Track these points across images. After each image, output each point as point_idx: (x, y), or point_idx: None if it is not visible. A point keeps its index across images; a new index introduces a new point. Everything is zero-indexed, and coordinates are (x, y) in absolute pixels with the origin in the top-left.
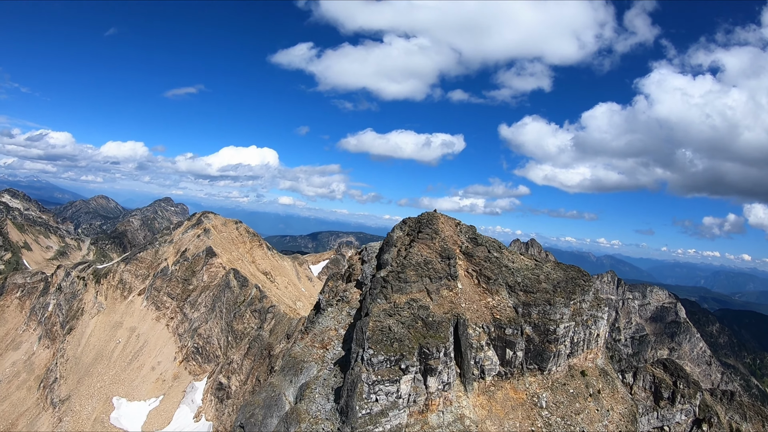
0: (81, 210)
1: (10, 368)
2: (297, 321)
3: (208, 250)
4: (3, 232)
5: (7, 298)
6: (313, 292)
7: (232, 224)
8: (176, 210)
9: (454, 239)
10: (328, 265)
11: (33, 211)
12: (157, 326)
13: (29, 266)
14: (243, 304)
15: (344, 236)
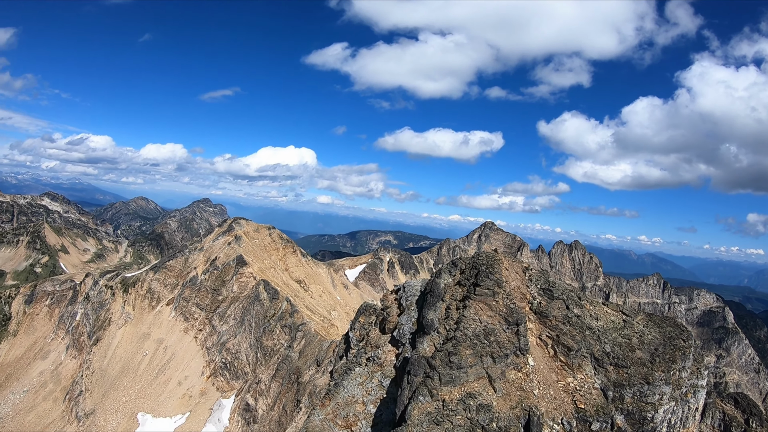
0: (121, 211)
1: (37, 378)
2: (328, 345)
3: (239, 258)
4: (40, 236)
5: (37, 305)
6: (348, 300)
7: (265, 230)
8: (214, 211)
9: (522, 292)
10: (365, 270)
11: (72, 214)
12: (185, 338)
13: (66, 269)
14: (273, 318)
15: (383, 235)
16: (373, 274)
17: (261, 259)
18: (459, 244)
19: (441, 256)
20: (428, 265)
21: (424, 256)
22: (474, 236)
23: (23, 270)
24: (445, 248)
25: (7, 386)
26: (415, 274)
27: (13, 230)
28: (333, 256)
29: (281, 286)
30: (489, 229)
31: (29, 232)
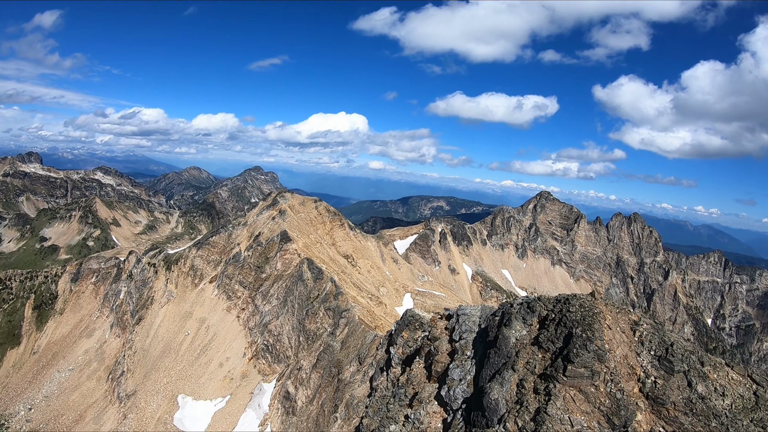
0: (174, 182)
1: (83, 356)
2: (371, 340)
3: (283, 234)
4: (92, 210)
5: (83, 283)
6: (398, 276)
7: (311, 203)
8: (266, 178)
9: (629, 363)
10: (416, 242)
11: (125, 186)
12: (228, 317)
13: (118, 242)
14: (317, 300)
15: (434, 201)
16: (425, 246)
17: (306, 233)
18: (513, 214)
19: (495, 227)
20: (481, 236)
21: (477, 227)
22: (529, 206)
23: (76, 244)
24: (499, 218)
25: (53, 364)
26: (468, 245)
27: (65, 206)
28: (384, 223)
29: (327, 262)
30: (545, 199)
31: (81, 207)
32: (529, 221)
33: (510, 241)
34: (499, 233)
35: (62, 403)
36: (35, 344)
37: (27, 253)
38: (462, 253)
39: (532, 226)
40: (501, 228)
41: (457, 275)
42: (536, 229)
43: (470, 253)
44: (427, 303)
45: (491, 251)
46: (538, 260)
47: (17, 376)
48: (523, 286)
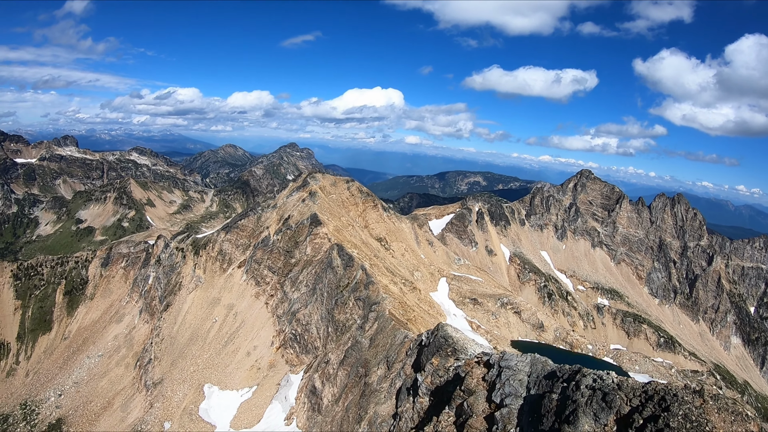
0: (209, 160)
1: (112, 342)
2: (400, 342)
3: (313, 217)
4: (126, 191)
5: (113, 268)
6: (433, 259)
7: (343, 184)
8: (301, 155)
9: None
10: (453, 222)
11: (161, 166)
12: (256, 304)
13: (153, 222)
14: (346, 289)
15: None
16: (461, 226)
17: (338, 216)
18: (553, 193)
19: (534, 206)
20: (520, 215)
21: (515, 206)
22: (569, 185)
23: (111, 225)
24: (538, 198)
25: (83, 350)
26: (506, 225)
27: (100, 187)
28: (420, 199)
29: (359, 246)
30: (586, 178)
31: (116, 189)
32: (569, 201)
33: (549, 221)
34: (538, 213)
35: (91, 389)
36: (66, 330)
37: (63, 236)
38: (499, 233)
39: (572, 206)
40: (540, 207)
41: (494, 257)
42: (576, 209)
43: (508, 234)
44: (463, 288)
45: (530, 232)
46: (577, 242)
47: (48, 361)
48: (562, 268)
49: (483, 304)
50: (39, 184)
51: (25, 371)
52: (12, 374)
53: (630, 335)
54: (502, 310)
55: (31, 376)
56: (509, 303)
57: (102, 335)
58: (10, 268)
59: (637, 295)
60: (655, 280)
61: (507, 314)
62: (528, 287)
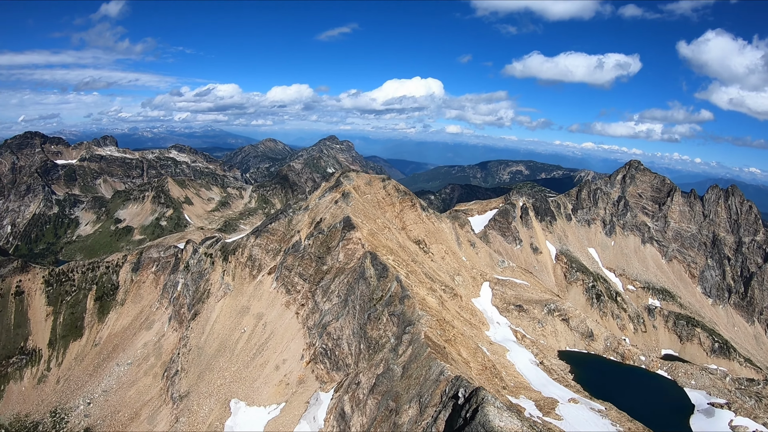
0: (249, 154)
1: (141, 350)
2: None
3: (346, 220)
4: (164, 190)
5: (144, 273)
6: (475, 261)
7: (378, 182)
8: (341, 147)
9: None
10: (496, 218)
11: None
12: (286, 314)
13: (191, 220)
14: (380, 302)
15: (513, 165)
16: (505, 223)
17: (373, 218)
18: (600, 185)
19: (581, 200)
20: (566, 210)
21: (561, 200)
22: (617, 177)
23: (149, 224)
24: (585, 191)
25: (113, 357)
26: (552, 221)
27: (138, 187)
28: (462, 190)
29: (395, 251)
30: (635, 170)
31: (153, 187)
32: (618, 194)
33: (597, 216)
34: (585, 207)
35: (119, 398)
36: (97, 336)
37: (103, 236)
38: (545, 229)
39: (620, 199)
40: (587, 201)
41: (539, 255)
42: (625, 202)
43: (554, 230)
44: (507, 294)
45: (576, 227)
46: (627, 238)
47: (79, 368)
48: (610, 267)
49: (528, 311)
50: (80, 184)
51: (56, 378)
52: (43, 381)
53: (683, 339)
54: (549, 317)
55: (61, 382)
56: (557, 309)
57: (132, 342)
58: (42, 274)
59: (689, 295)
60: (708, 278)
61: (554, 322)
62: (575, 288)
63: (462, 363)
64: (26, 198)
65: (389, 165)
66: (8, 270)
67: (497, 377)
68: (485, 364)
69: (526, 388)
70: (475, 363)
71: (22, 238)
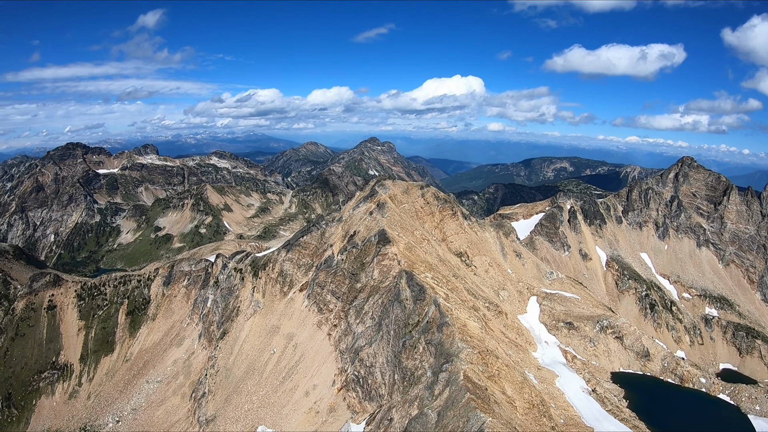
0: (291, 158)
1: (171, 367)
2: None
3: (381, 233)
4: (203, 197)
5: (175, 287)
6: (522, 273)
7: (416, 190)
8: (383, 149)
9: None
10: (542, 223)
11: (241, 168)
12: (318, 335)
13: (230, 227)
14: (416, 329)
15: (557, 162)
16: (552, 228)
17: (410, 230)
18: (652, 185)
19: (631, 201)
20: (616, 212)
21: (610, 201)
22: (669, 175)
23: (189, 232)
24: (636, 191)
25: (143, 374)
26: (601, 225)
27: (178, 194)
28: (506, 189)
29: (434, 267)
30: (687, 167)
31: (192, 195)
32: (670, 193)
33: (649, 217)
34: (636, 209)
35: (148, 418)
36: (128, 351)
37: (143, 244)
38: (594, 233)
39: (673, 199)
40: (638, 202)
41: (589, 261)
42: (679, 203)
43: (604, 234)
44: (556, 309)
45: (627, 231)
46: (681, 241)
47: (109, 384)
48: (664, 273)
49: (579, 329)
50: (121, 192)
51: (87, 393)
52: (74, 396)
53: (742, 352)
54: (601, 335)
55: (92, 398)
56: (610, 326)
57: (162, 359)
58: (74, 288)
59: (748, 303)
60: None
61: (607, 340)
62: (627, 297)
63: (506, 404)
64: (68, 207)
65: (431, 165)
66: (41, 284)
67: (545, 416)
68: (532, 401)
69: (578, 424)
70: (521, 401)
71: (65, 247)
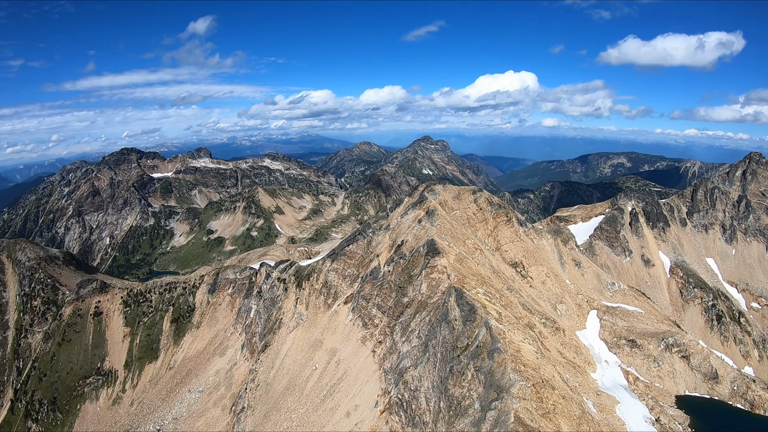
0: (344, 159)
1: (213, 377)
2: None
3: (430, 244)
4: (255, 200)
5: (219, 294)
6: (581, 284)
7: (468, 195)
8: (436, 147)
9: None
10: (602, 226)
11: (294, 170)
12: (362, 351)
13: (281, 230)
14: (465, 353)
15: (614, 157)
16: (612, 232)
17: (462, 239)
18: (718, 183)
19: (696, 201)
20: (680, 214)
21: (674, 202)
22: (736, 173)
23: (240, 235)
24: (701, 191)
25: (186, 383)
26: (665, 228)
27: (230, 197)
28: (563, 187)
29: (487, 281)
30: (756, 164)
31: (244, 198)
32: (738, 193)
33: (715, 219)
34: (701, 210)
35: (188, 428)
36: (171, 359)
37: (195, 246)
38: (657, 237)
39: (741, 199)
40: (703, 203)
41: (651, 268)
42: (747, 203)
43: (667, 238)
44: (618, 325)
45: (692, 234)
46: (750, 245)
47: (153, 391)
48: (732, 280)
49: (642, 347)
50: (175, 195)
51: (130, 400)
52: (118, 402)
53: None
54: (666, 354)
55: (135, 405)
56: (675, 344)
57: (205, 368)
58: (120, 294)
59: None
60: None
61: (672, 360)
62: (692, 307)
63: None
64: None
65: (486, 162)
66: (88, 290)
67: None
68: None
69: None
70: None
71: (120, 250)
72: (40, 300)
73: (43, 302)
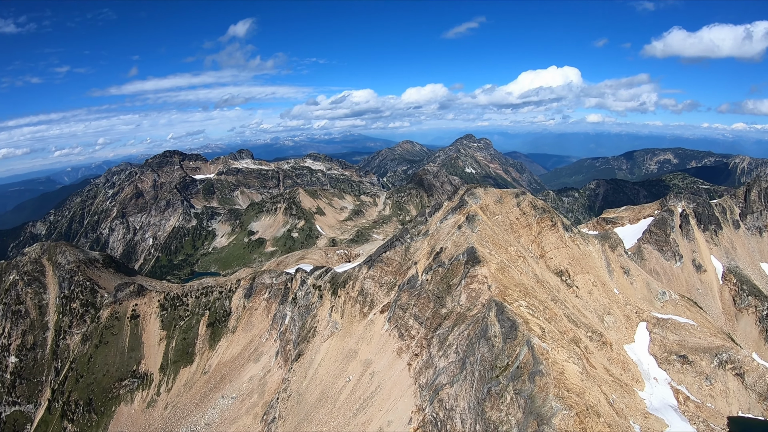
0: (387, 158)
1: (247, 384)
2: None
3: (470, 251)
4: (296, 201)
5: (255, 299)
6: (629, 293)
7: (511, 199)
8: (479, 146)
9: None
10: (651, 229)
11: (335, 170)
12: (397, 364)
13: (322, 231)
14: (504, 374)
15: (660, 153)
16: (662, 235)
17: (504, 246)
18: None
19: (750, 202)
20: (732, 216)
21: (726, 203)
22: None
23: (281, 236)
24: (755, 191)
25: (220, 388)
26: (717, 230)
27: (271, 199)
28: (608, 185)
29: (531, 290)
30: None
31: (285, 199)
32: None
33: None
34: (755, 211)
35: None
36: (207, 364)
37: (237, 247)
38: (709, 241)
39: None
40: (758, 203)
41: (703, 273)
42: None
43: (720, 242)
44: (669, 338)
45: (746, 237)
46: None
47: (187, 396)
48: None
49: (694, 363)
50: (218, 197)
51: (165, 403)
52: (152, 405)
53: None
54: (719, 371)
55: (169, 409)
56: (729, 361)
57: (239, 374)
58: (157, 298)
59: None
60: None
61: (726, 377)
62: (746, 316)
63: None
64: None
65: (530, 160)
66: (125, 293)
67: None
68: None
69: None
70: None
71: (163, 250)
72: (79, 302)
73: (82, 304)
